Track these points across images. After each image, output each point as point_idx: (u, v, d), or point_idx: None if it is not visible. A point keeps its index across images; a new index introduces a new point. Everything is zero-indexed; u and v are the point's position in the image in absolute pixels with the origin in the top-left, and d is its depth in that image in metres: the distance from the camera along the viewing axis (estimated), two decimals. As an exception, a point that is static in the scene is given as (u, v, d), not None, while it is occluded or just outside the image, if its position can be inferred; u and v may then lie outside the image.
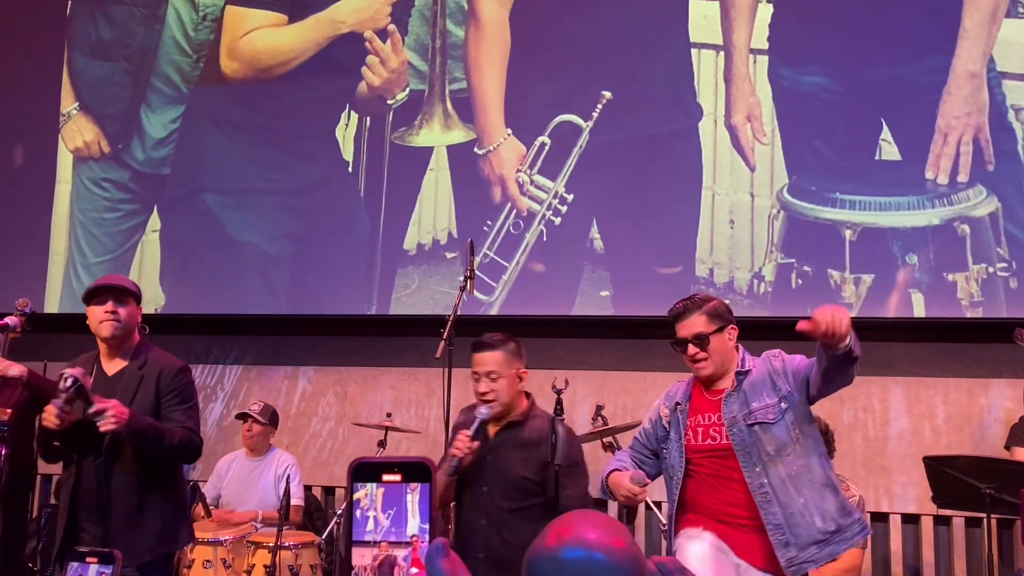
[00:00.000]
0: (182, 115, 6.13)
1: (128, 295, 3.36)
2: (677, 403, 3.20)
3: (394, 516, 1.52)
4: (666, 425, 3.20)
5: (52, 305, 6.17)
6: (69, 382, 3.08)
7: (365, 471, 1.53)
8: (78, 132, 6.32)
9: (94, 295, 3.34)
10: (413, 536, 1.50)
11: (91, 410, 3.06)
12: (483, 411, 3.30)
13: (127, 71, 6.26)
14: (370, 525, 1.53)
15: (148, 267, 6.06)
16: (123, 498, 3.21)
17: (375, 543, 1.52)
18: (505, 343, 3.38)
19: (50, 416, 3.08)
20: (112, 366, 3.34)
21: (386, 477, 1.52)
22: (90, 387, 3.14)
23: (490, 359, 3.34)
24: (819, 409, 5.18)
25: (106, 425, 3.04)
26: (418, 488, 1.51)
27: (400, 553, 1.50)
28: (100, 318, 3.30)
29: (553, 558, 1.30)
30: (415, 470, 1.52)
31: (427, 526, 1.51)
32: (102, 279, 3.47)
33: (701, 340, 3.10)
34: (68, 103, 6.37)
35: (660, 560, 1.42)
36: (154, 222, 6.10)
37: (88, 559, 1.94)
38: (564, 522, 1.35)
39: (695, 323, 3.12)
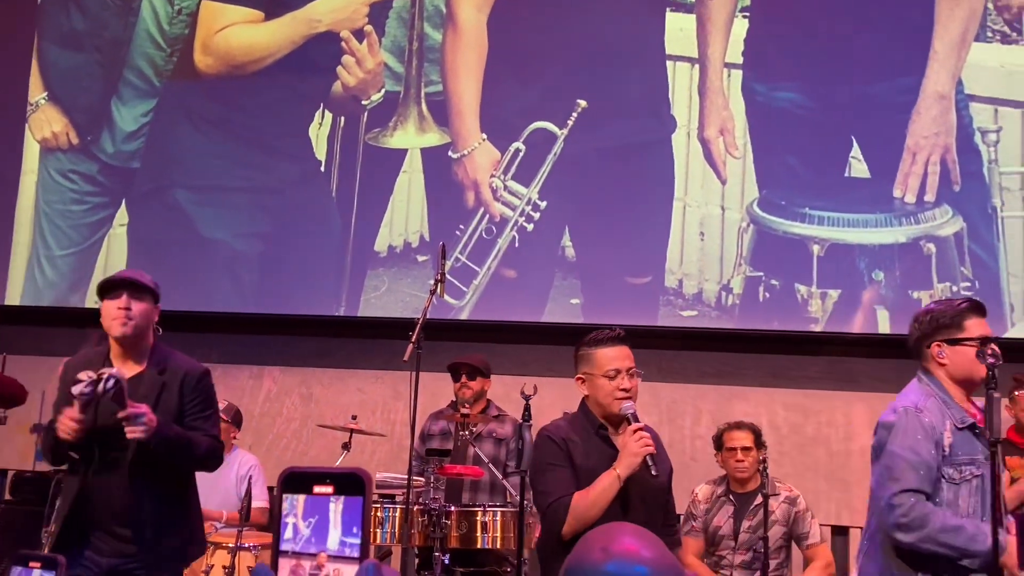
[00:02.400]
0: (154, 109, 6.06)
1: (145, 291, 3.06)
2: (972, 424, 2.80)
3: (315, 526, 1.42)
4: (947, 448, 2.76)
5: (14, 297, 6.07)
6: (111, 383, 2.77)
7: (296, 481, 1.45)
8: (46, 122, 6.22)
9: (108, 289, 3.04)
10: (321, 552, 1.41)
11: (122, 414, 2.80)
12: (630, 407, 2.95)
13: (99, 62, 6.17)
14: (288, 532, 1.43)
15: (114, 261, 5.98)
16: (154, 508, 3.00)
17: (294, 553, 1.43)
18: None
19: (67, 428, 2.85)
20: (127, 368, 3.02)
21: (317, 488, 1.43)
22: (126, 389, 2.85)
23: (631, 353, 2.98)
24: (784, 420, 5.26)
25: (135, 432, 2.81)
26: (342, 500, 1.42)
27: (344, 568, 1.40)
28: (112, 315, 3.00)
29: (598, 571, 1.31)
30: (348, 482, 1.43)
31: (354, 540, 1.41)
32: (119, 273, 3.17)
33: None
34: (36, 92, 6.27)
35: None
36: (122, 216, 6.02)
37: (31, 563, 1.87)
38: (606, 535, 1.36)
39: None
